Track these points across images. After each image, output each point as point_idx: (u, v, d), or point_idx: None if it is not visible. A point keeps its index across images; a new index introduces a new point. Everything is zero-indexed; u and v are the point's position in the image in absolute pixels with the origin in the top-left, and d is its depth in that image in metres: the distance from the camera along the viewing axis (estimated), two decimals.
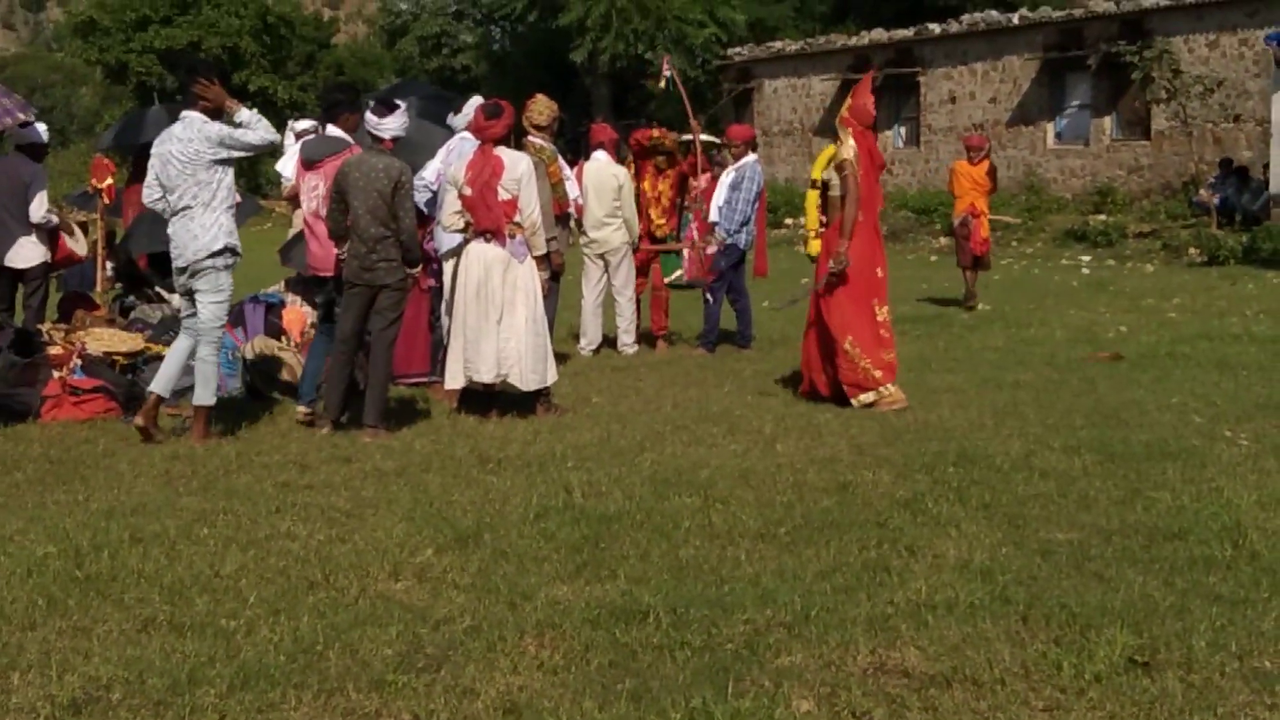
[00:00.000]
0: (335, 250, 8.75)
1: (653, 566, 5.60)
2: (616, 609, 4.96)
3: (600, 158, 12.28)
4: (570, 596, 5.19)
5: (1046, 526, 6.12)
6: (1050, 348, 12.31)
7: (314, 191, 9.12)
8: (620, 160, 12.67)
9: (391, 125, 8.66)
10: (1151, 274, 20.92)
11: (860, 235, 9.34)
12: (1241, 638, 4.57)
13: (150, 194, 8.47)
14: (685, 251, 14.44)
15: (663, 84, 14.11)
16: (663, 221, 12.95)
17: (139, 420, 8.35)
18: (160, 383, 8.45)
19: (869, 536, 5.96)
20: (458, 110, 10.11)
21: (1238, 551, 5.63)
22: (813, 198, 9.83)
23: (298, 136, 11.03)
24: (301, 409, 8.92)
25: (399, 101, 8.94)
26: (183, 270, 8.38)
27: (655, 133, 13.00)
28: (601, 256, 12.42)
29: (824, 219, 9.67)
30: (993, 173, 16.30)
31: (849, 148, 9.38)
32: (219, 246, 8.29)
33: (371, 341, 8.77)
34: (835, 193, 9.44)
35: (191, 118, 8.35)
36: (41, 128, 11.41)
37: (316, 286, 9.29)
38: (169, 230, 8.43)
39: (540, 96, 10.85)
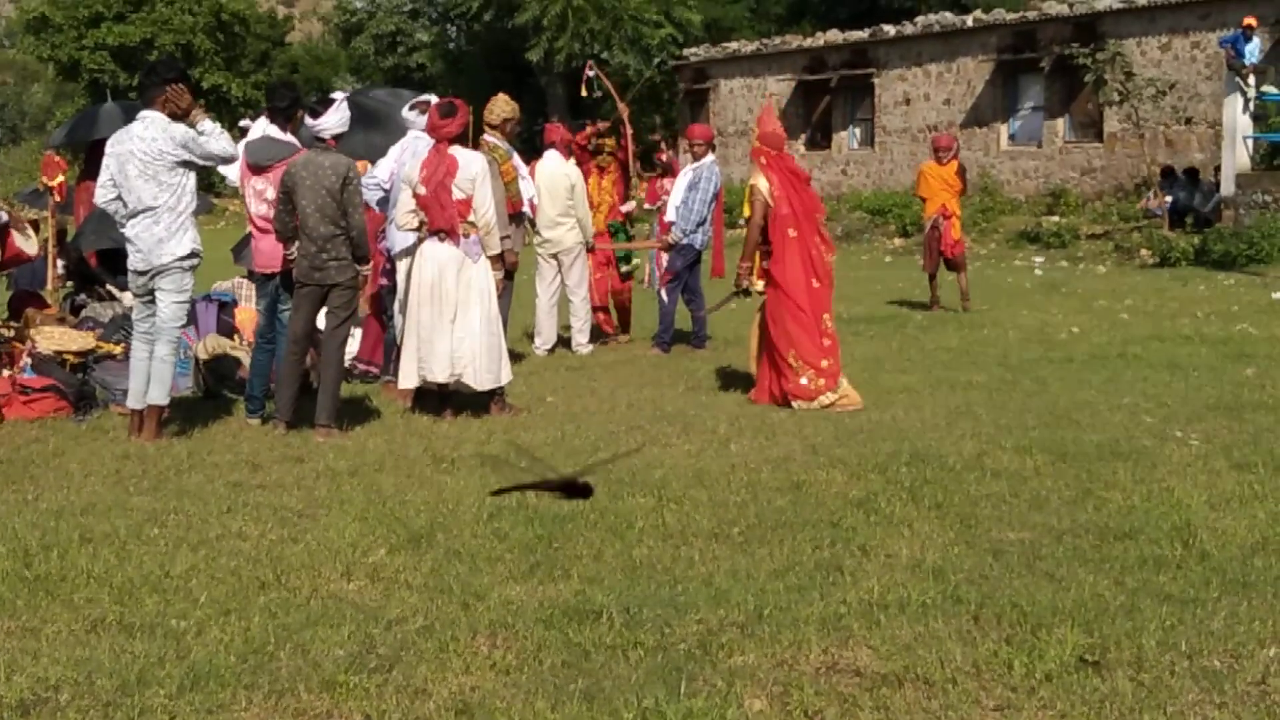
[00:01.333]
0: (284, 251, 8.70)
1: (606, 566, 5.60)
2: (569, 609, 4.95)
3: (552, 157, 12.27)
4: (523, 596, 5.18)
5: (998, 526, 6.15)
6: (1003, 348, 12.37)
7: (262, 195, 9.07)
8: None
9: (329, 123, 8.58)
10: (1104, 275, 21.05)
11: (791, 252, 9.50)
12: (1191, 637, 4.59)
13: (104, 194, 8.32)
14: (648, 259, 14.52)
15: (589, 88, 14.28)
16: (606, 214, 13.11)
17: (145, 440, 8.21)
18: (135, 397, 8.36)
19: (822, 536, 5.97)
20: (422, 110, 10.01)
21: (1188, 551, 5.66)
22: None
23: None
24: (252, 422, 8.86)
25: (334, 95, 8.90)
26: (143, 273, 8.25)
27: (589, 129, 13.06)
28: (555, 256, 12.42)
29: (766, 247, 9.70)
30: (962, 172, 16.29)
31: (760, 178, 9.61)
32: (186, 251, 8.20)
33: (323, 340, 8.74)
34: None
35: (153, 117, 8.20)
36: None
37: (262, 284, 9.23)
38: (129, 232, 8.27)
39: (501, 96, 10.82)
